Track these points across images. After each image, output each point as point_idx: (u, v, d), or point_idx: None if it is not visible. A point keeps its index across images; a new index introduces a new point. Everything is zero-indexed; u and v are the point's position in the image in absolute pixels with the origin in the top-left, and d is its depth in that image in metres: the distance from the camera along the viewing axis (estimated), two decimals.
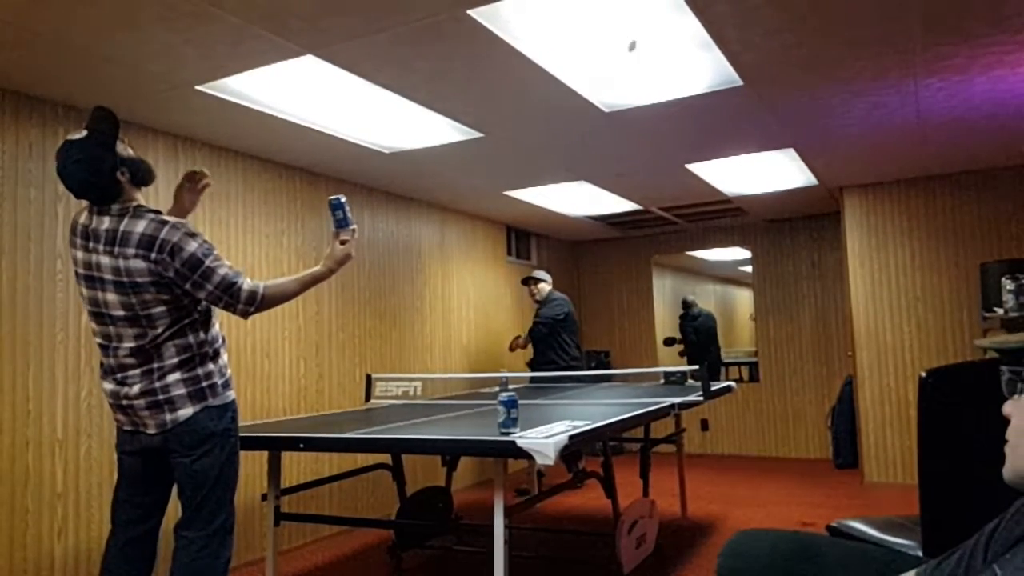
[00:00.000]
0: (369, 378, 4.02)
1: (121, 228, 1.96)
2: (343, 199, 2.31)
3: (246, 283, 2.05)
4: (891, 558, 1.43)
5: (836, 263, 6.34)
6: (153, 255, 1.94)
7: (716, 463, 6.23)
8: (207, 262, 1.99)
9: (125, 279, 1.95)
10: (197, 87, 2.93)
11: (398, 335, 4.88)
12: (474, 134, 3.69)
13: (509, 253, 6.33)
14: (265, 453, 3.70)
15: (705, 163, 4.50)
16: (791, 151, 4.35)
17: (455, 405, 3.64)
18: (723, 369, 7.58)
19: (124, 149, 2.04)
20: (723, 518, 4.23)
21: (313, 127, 3.49)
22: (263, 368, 3.85)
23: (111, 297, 1.98)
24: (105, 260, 1.97)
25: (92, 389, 3.02)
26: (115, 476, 2.17)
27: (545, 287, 5.52)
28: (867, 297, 5.30)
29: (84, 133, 1.99)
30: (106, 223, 1.99)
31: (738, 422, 6.66)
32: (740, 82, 3.10)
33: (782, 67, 2.96)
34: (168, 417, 1.99)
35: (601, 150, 4.09)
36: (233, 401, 2.13)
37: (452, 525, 2.92)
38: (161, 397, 1.99)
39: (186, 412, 2.00)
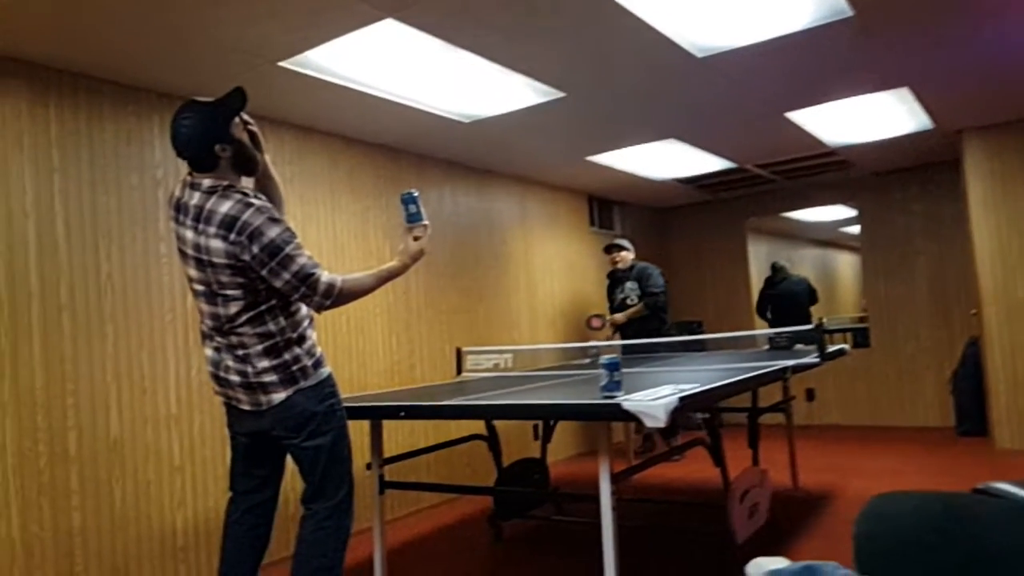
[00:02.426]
0: (459, 351, 3.99)
1: (207, 206, 1.95)
2: (416, 193, 2.23)
3: (324, 275, 1.99)
4: None
5: (954, 216, 5.82)
6: (232, 236, 1.91)
7: (825, 434, 5.90)
8: (287, 249, 1.93)
9: (204, 256, 1.96)
10: (280, 63, 2.93)
11: (484, 310, 4.84)
12: (556, 94, 3.55)
13: (592, 223, 6.17)
14: (364, 426, 3.76)
15: (807, 110, 4.18)
16: (904, 91, 3.97)
17: (548, 375, 3.56)
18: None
19: (239, 131, 2.03)
20: (839, 489, 3.98)
21: (393, 99, 3.45)
22: (358, 344, 3.89)
23: (192, 272, 2.01)
24: (189, 235, 1.98)
25: (201, 366, 3.12)
26: (227, 450, 2.22)
27: (629, 255, 5.38)
28: (993, 250, 4.83)
29: (210, 98, 2.01)
30: (195, 199, 1.99)
31: (847, 390, 6.28)
32: (849, 12, 2.83)
33: None
34: (263, 398, 2.00)
35: (693, 102, 3.86)
36: (328, 377, 2.10)
37: (552, 495, 2.85)
38: (253, 381, 1.99)
39: (279, 396, 1.99)
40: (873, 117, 4.43)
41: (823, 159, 5.48)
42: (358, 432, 3.74)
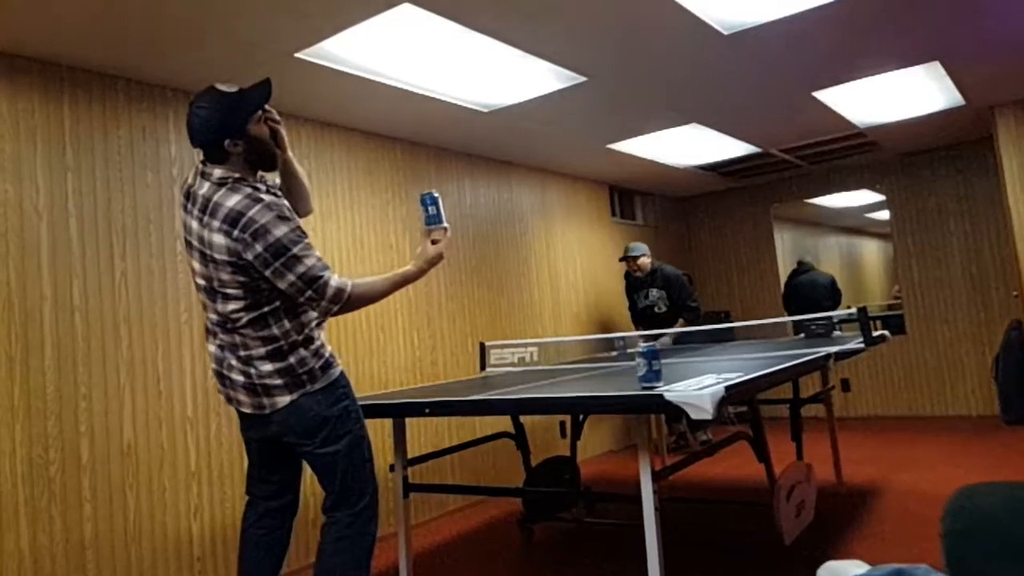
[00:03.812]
0: (483, 346, 3.87)
1: (215, 198, 1.83)
2: (436, 194, 2.10)
3: (334, 279, 1.85)
4: None
5: (987, 195, 5.61)
6: (235, 233, 1.78)
7: (862, 425, 5.70)
8: (294, 250, 1.80)
9: (207, 251, 1.84)
10: (296, 54, 2.83)
11: (507, 303, 4.71)
12: (576, 79, 3.42)
13: (613, 214, 6.03)
14: (385, 425, 3.65)
15: (835, 89, 4.02)
16: (936, 65, 3.80)
17: (576, 369, 3.42)
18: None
19: (257, 127, 1.91)
20: (885, 482, 3.80)
21: (411, 89, 3.34)
22: (378, 341, 3.78)
23: (196, 265, 1.90)
24: (195, 226, 1.87)
25: None
26: (244, 454, 2.10)
27: (647, 260, 5.16)
28: None
29: (232, 89, 1.89)
30: (204, 189, 1.87)
31: (884, 380, 6.07)
32: None
33: None
34: (265, 401, 1.89)
35: (717, 83, 3.71)
36: (339, 377, 1.97)
37: (587, 495, 2.70)
38: (257, 383, 1.88)
39: (283, 400, 1.88)
40: (902, 95, 4.26)
41: (850, 141, 5.30)
42: (379, 432, 3.64)
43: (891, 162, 6.03)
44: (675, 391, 1.89)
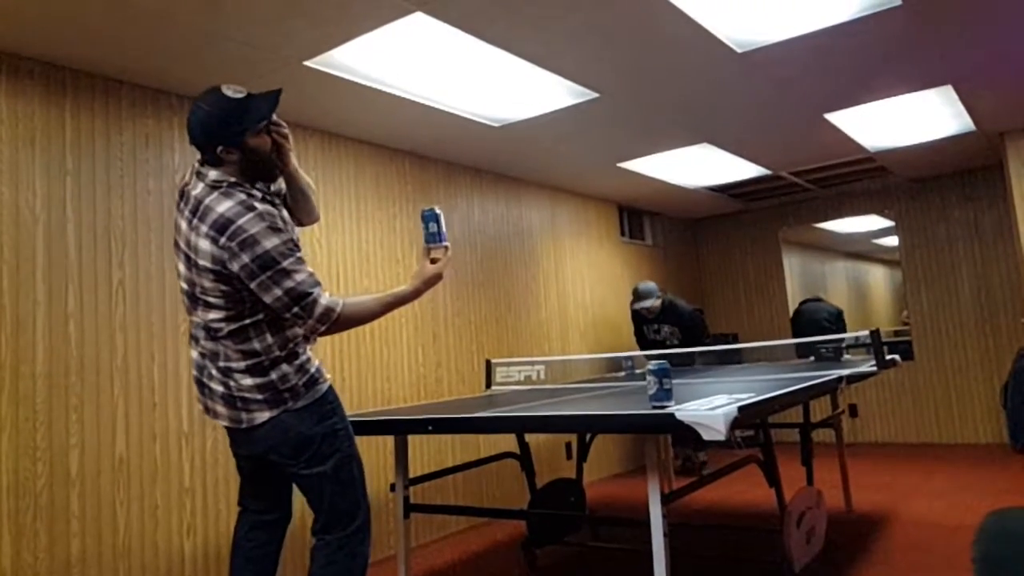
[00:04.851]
0: (489, 363, 3.79)
1: (206, 201, 1.74)
2: (438, 210, 2.01)
3: (324, 298, 1.75)
4: None
5: (996, 222, 5.56)
6: (222, 240, 1.69)
7: (870, 452, 5.59)
8: (283, 263, 1.69)
9: (192, 255, 1.76)
10: (306, 63, 2.80)
11: (514, 320, 4.64)
12: (588, 94, 3.38)
13: (622, 234, 5.98)
14: (387, 443, 3.56)
15: (847, 112, 3.98)
16: (948, 90, 3.77)
17: (583, 388, 3.34)
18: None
19: (257, 138, 1.80)
20: (895, 511, 3.69)
21: (422, 101, 3.30)
22: (382, 356, 3.71)
23: (181, 268, 1.82)
24: (184, 227, 1.79)
25: None
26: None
27: (656, 304, 4.90)
28: None
29: (237, 94, 1.78)
30: (198, 190, 1.79)
31: (892, 406, 5.97)
32: (898, 1, 2.64)
33: None
34: (244, 416, 1.79)
35: (730, 102, 3.68)
36: (325, 394, 1.85)
37: (593, 518, 2.62)
38: (236, 395, 1.78)
39: (262, 416, 1.78)
40: (914, 119, 4.23)
41: (861, 165, 5.27)
42: (380, 450, 3.56)
43: (900, 187, 5.99)
44: (686, 410, 1.82)
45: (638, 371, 4.18)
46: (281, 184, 1.99)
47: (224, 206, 1.72)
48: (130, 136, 2.82)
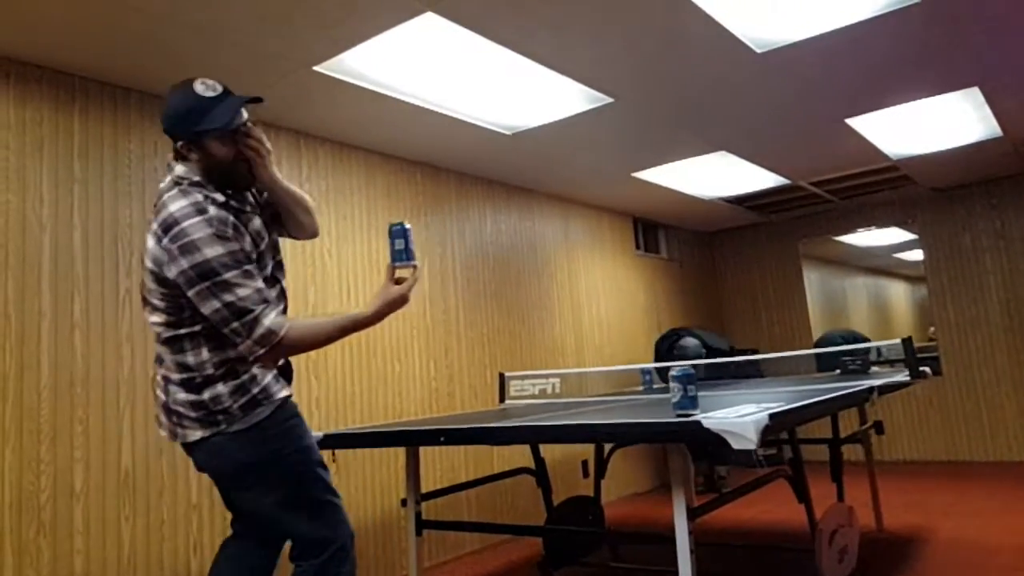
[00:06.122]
0: (502, 377, 3.70)
1: (164, 197, 1.63)
2: (407, 225, 1.78)
3: (268, 318, 1.58)
4: None
5: None
6: (164, 241, 1.56)
7: (898, 470, 5.40)
8: (225, 275, 1.54)
9: (144, 251, 1.66)
10: (315, 67, 2.76)
11: (528, 335, 4.55)
12: (603, 99, 3.32)
13: (637, 247, 5.88)
14: (398, 457, 3.46)
15: (869, 116, 3.89)
16: (974, 92, 3.67)
17: (601, 401, 3.24)
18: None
19: (222, 147, 1.66)
20: (930, 530, 3.53)
21: (433, 108, 3.25)
22: (393, 370, 3.62)
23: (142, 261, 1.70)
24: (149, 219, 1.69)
25: None
26: None
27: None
28: None
29: (207, 92, 1.68)
30: (164, 183, 1.68)
31: (919, 423, 5.78)
32: None
33: None
34: (178, 430, 1.67)
35: (748, 105, 3.59)
36: (270, 417, 1.65)
37: (615, 535, 2.49)
38: (172, 407, 1.66)
39: (195, 435, 1.64)
40: (938, 124, 4.12)
41: (883, 175, 5.15)
42: (391, 464, 3.46)
43: (923, 197, 5.86)
44: (714, 418, 1.72)
45: (656, 386, 4.06)
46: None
47: (176, 205, 1.60)
48: (138, 144, 2.79)
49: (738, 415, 1.74)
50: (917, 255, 6.21)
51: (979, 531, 3.44)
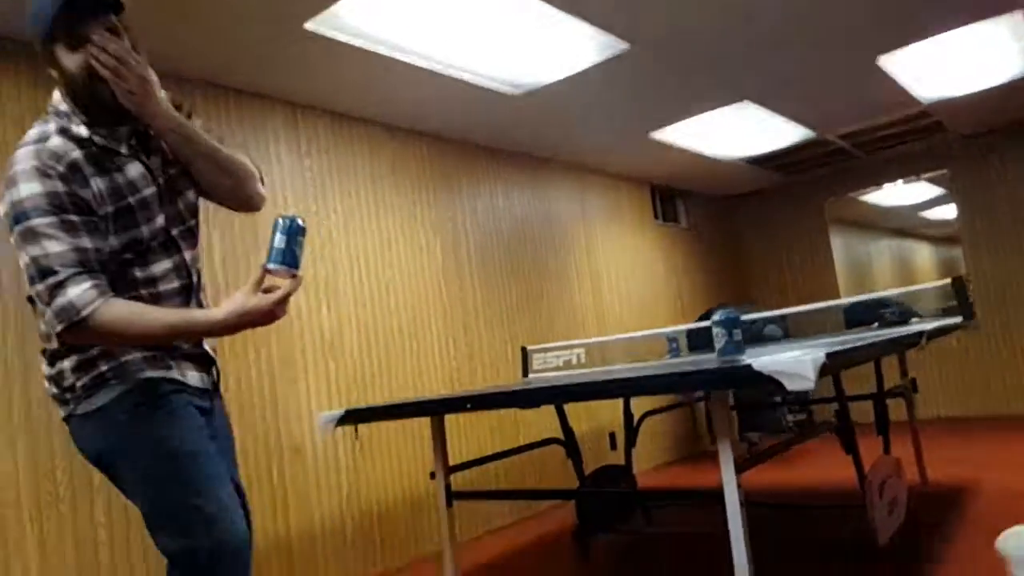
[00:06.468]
0: (525, 351, 3.58)
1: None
2: (300, 223, 1.36)
3: (75, 288, 1.23)
4: None
5: None
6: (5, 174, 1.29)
7: (935, 426, 5.24)
8: (34, 220, 1.23)
9: None
10: (306, 25, 2.61)
11: (547, 308, 4.42)
12: (619, 46, 3.13)
13: (656, 216, 5.71)
14: (424, 431, 3.36)
15: (900, 54, 3.69)
16: (1016, 18, 3.45)
17: (628, 369, 3.11)
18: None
19: (68, 55, 1.30)
20: (976, 482, 3.38)
21: (435, 67, 3.09)
22: (412, 348, 3.51)
23: None
24: None
25: (240, 375, 2.78)
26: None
27: None
28: None
29: None
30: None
31: (955, 379, 5.60)
32: None
33: None
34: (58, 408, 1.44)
35: (773, 46, 3.39)
36: (115, 400, 1.32)
37: (650, 496, 2.36)
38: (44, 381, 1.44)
39: (60, 413, 1.40)
40: (974, 60, 3.92)
41: (912, 122, 4.94)
42: (417, 438, 3.35)
43: (952, 145, 5.64)
44: (764, 361, 1.58)
45: (683, 354, 3.92)
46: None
47: (28, 134, 1.31)
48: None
49: (791, 356, 1.60)
50: (943, 213, 6.01)
51: None
